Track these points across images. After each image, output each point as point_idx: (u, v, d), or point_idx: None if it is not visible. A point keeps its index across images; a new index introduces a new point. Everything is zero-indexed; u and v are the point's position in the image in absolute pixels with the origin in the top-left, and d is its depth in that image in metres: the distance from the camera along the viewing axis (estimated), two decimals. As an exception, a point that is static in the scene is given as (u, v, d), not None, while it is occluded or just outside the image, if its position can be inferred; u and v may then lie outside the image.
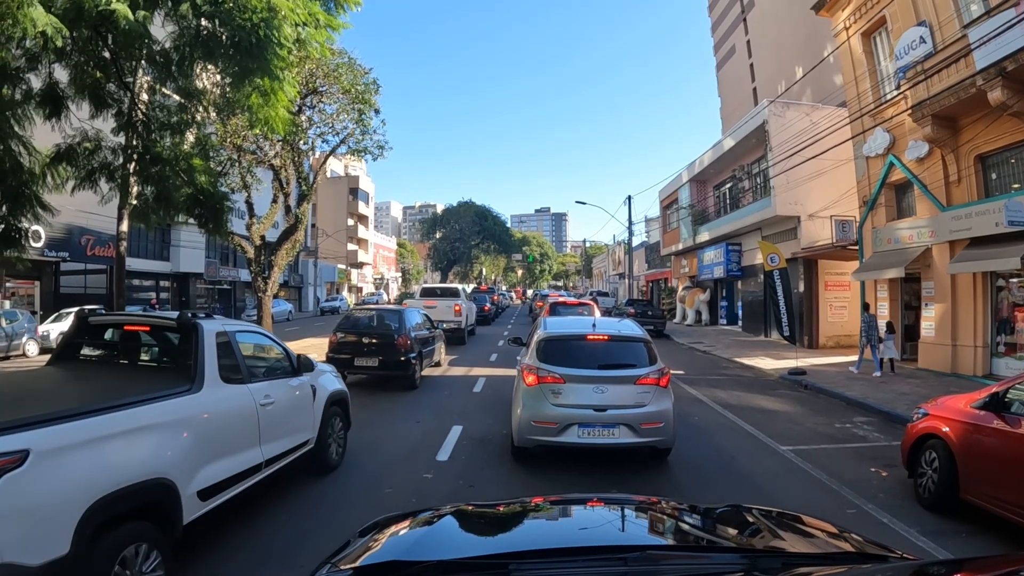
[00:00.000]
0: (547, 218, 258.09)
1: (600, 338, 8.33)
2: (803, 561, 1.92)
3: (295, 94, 10.65)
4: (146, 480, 4.15)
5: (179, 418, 4.73)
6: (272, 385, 6.35)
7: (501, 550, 2.00)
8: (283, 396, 6.47)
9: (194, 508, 4.70)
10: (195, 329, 5.50)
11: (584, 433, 7.56)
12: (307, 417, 7.02)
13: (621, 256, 62.13)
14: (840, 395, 13.44)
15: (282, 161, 22.24)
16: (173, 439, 4.58)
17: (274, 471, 6.16)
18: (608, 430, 7.56)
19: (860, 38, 19.35)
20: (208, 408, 5.12)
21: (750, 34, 55.91)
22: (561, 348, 8.16)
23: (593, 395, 7.62)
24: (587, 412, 7.56)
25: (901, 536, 5.80)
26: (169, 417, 4.64)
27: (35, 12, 6.45)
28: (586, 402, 7.60)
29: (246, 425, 5.67)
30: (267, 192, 23.81)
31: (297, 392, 6.89)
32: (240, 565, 5.08)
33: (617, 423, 7.56)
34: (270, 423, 6.03)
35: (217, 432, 5.19)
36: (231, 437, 5.41)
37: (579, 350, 8.14)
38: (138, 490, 4.07)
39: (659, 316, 32.84)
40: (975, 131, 14.70)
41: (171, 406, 4.72)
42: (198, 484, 4.75)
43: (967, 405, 6.37)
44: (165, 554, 4.23)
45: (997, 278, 15.00)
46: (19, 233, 9.92)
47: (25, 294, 28.62)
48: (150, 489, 4.19)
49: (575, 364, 7.88)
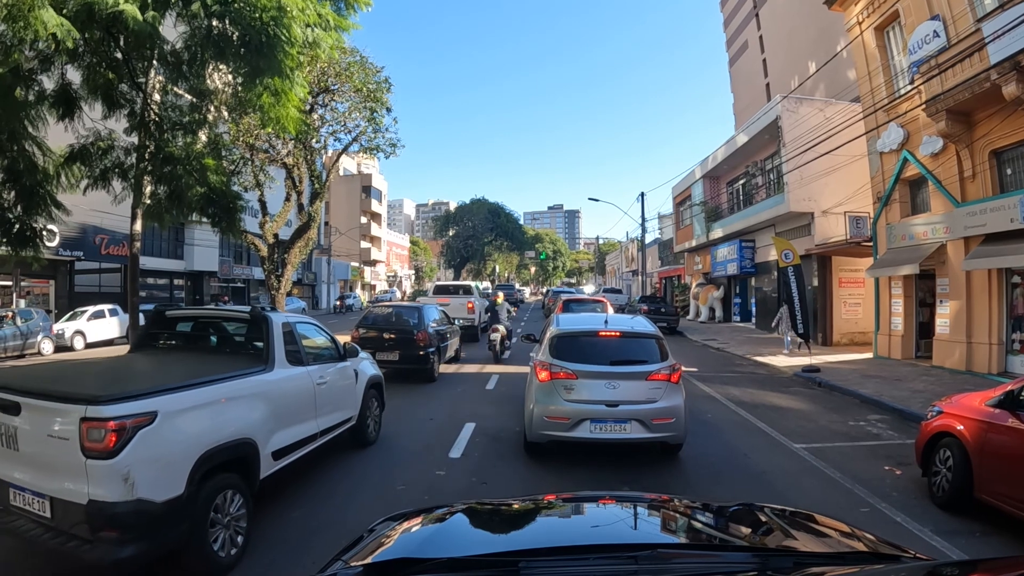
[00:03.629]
0: (560, 215, 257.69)
1: (612, 334, 8.41)
2: (815, 561, 1.91)
3: (305, 94, 10.68)
4: (237, 439, 5.22)
5: (258, 391, 5.80)
6: (324, 368, 7.40)
7: (511, 548, 1.99)
8: (333, 377, 7.56)
9: (268, 466, 5.77)
10: (265, 320, 6.57)
11: (596, 428, 7.66)
12: (351, 396, 8.18)
13: (634, 253, 62.05)
14: (854, 393, 13.35)
15: (294, 160, 22.35)
16: (254, 408, 5.64)
17: (325, 441, 7.25)
18: (620, 425, 7.67)
19: (873, 32, 19.20)
20: (279, 384, 6.21)
21: (763, 29, 55.57)
22: (573, 344, 8.26)
23: (605, 391, 7.71)
24: (599, 408, 7.66)
25: (915, 535, 5.76)
26: (251, 390, 5.70)
27: (46, 14, 6.51)
28: (598, 398, 7.69)
29: (306, 400, 6.75)
30: (280, 190, 23.93)
31: (343, 375, 7.98)
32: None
33: (629, 418, 7.65)
34: (323, 400, 7.13)
35: (285, 404, 6.24)
36: (295, 409, 6.48)
37: (591, 346, 8.24)
38: (232, 446, 5.14)
39: (672, 313, 32.68)
40: (990, 126, 14.54)
41: (252, 382, 5.80)
42: (272, 446, 5.84)
43: (982, 403, 6.31)
44: (248, 501, 5.29)
45: (1013, 275, 14.84)
46: (34, 232, 10.02)
47: (40, 293, 28.90)
48: (239, 446, 5.26)
49: (587, 360, 7.97)
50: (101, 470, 4.12)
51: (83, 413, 4.15)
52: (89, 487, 4.12)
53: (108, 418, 4.15)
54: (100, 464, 4.12)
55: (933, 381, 14.49)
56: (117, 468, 4.14)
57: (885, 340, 19.43)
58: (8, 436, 4.46)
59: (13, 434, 4.43)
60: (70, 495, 4.17)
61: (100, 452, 4.13)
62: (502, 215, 77.75)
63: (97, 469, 4.12)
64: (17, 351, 20.70)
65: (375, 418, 8.97)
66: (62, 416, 4.24)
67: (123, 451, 4.17)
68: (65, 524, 4.22)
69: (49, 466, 4.29)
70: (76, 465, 4.15)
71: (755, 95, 54.85)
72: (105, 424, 4.14)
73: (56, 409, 4.28)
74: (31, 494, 4.34)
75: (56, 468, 4.25)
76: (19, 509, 4.42)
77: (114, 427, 4.16)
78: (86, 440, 4.13)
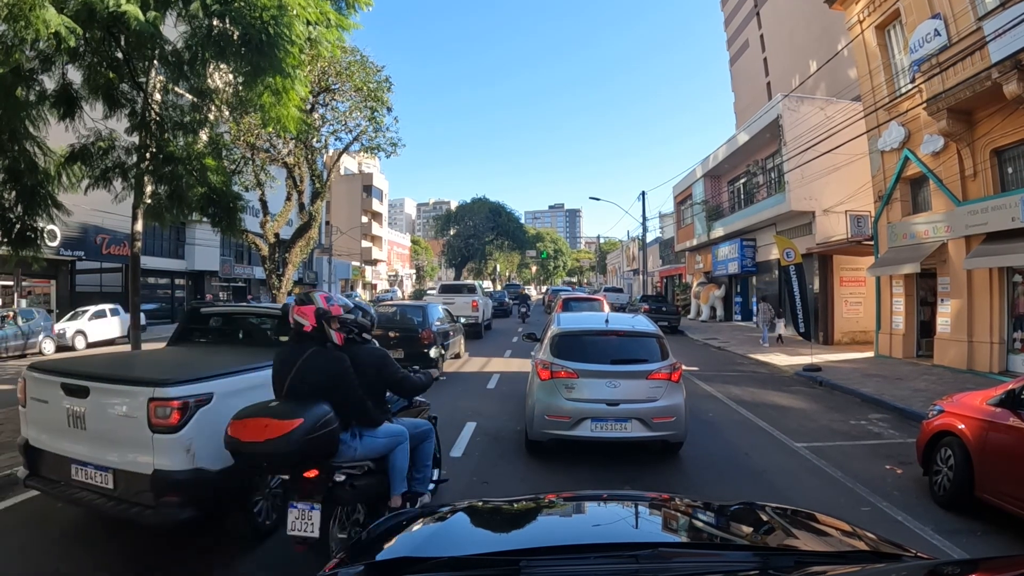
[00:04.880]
0: (561, 214, 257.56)
1: (613, 334, 8.51)
2: (816, 560, 1.91)
3: (307, 93, 10.68)
4: None
5: None
6: None
7: (512, 547, 1.99)
8: None
9: None
10: None
11: (597, 427, 7.73)
12: None
13: (635, 252, 62.03)
14: (855, 392, 13.35)
15: (295, 159, 22.31)
16: None
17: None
18: (620, 424, 7.74)
19: (874, 31, 19.20)
20: None
21: (764, 28, 55.55)
22: (574, 344, 8.33)
23: (606, 389, 7.76)
24: (600, 406, 7.72)
25: (916, 534, 5.76)
26: None
27: (48, 14, 6.50)
28: (599, 396, 7.75)
29: None
30: (281, 190, 23.90)
31: None
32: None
33: (629, 417, 7.72)
34: None
35: None
36: None
37: (592, 345, 8.30)
38: None
39: (673, 312, 32.68)
40: (991, 125, 14.55)
41: None
42: None
43: (983, 402, 6.31)
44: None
45: (1014, 274, 14.85)
46: (35, 232, 10.01)
47: (41, 293, 28.91)
48: None
49: (588, 359, 8.03)
50: (166, 443, 4.78)
51: (151, 394, 4.79)
52: (155, 458, 4.78)
53: (173, 398, 4.79)
54: (165, 438, 4.78)
55: (934, 380, 14.49)
56: (180, 441, 4.80)
57: (886, 339, 19.44)
58: (75, 417, 5.05)
59: (81, 415, 5.03)
60: (135, 466, 4.83)
61: (165, 427, 4.77)
62: (503, 214, 77.64)
63: (163, 442, 4.78)
64: (18, 351, 20.70)
65: None
66: (131, 397, 4.89)
67: (185, 427, 4.81)
68: (128, 493, 4.87)
69: (114, 442, 4.94)
70: (143, 440, 4.80)
71: (756, 94, 54.86)
72: (170, 403, 4.77)
73: (125, 391, 4.95)
74: (94, 468, 4.99)
75: (122, 443, 4.92)
76: (80, 483, 5.06)
77: (178, 405, 4.79)
78: (153, 417, 4.76)
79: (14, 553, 5.24)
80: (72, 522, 5.92)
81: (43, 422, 5.37)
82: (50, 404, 5.27)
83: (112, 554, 5.29)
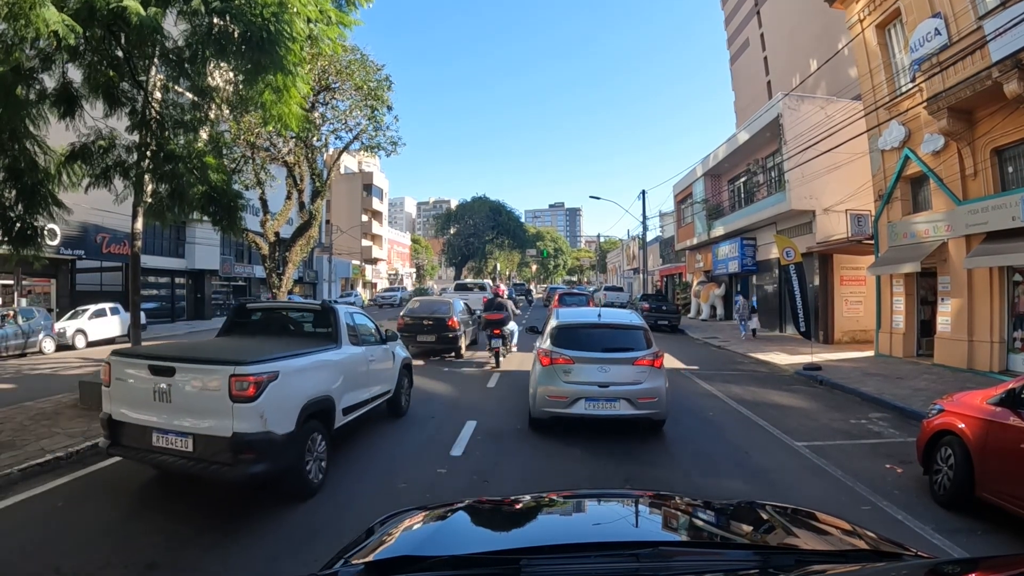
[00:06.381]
0: (561, 213, 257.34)
1: (604, 326, 9.89)
2: (817, 559, 1.91)
3: (308, 90, 10.68)
4: (323, 395, 7.13)
5: (333, 362, 7.71)
6: (372, 348, 9.28)
7: (513, 545, 2.00)
8: (379, 356, 9.52)
9: (339, 418, 7.70)
10: (333, 311, 8.64)
11: (590, 406, 8.96)
12: (391, 373, 10.13)
13: (635, 251, 61.99)
14: (856, 391, 13.35)
15: (296, 158, 22.32)
16: (332, 374, 7.56)
17: (372, 407, 9.24)
18: (610, 403, 8.95)
19: (875, 30, 19.17)
20: (345, 358, 8.10)
21: (764, 27, 55.50)
22: (571, 335, 9.61)
23: (598, 374, 9.01)
24: (593, 388, 8.97)
25: (916, 534, 5.76)
26: (329, 361, 7.60)
27: (47, 12, 6.50)
28: (592, 379, 9.00)
29: (362, 372, 8.68)
30: (281, 189, 23.92)
31: (386, 355, 9.91)
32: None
33: (618, 397, 8.94)
34: (373, 373, 9.14)
35: (350, 374, 8.09)
36: (356, 378, 8.35)
37: (586, 336, 9.62)
38: (320, 400, 7.03)
39: (673, 311, 32.64)
40: (991, 124, 14.53)
41: (329, 355, 7.70)
42: (343, 404, 7.77)
43: (983, 401, 6.31)
44: (328, 444, 7.23)
45: (1014, 273, 14.84)
46: (35, 231, 10.01)
47: (42, 292, 28.86)
48: (324, 400, 7.14)
49: (583, 348, 9.31)
50: (244, 411, 5.84)
51: (232, 371, 5.85)
52: (234, 423, 5.81)
53: (250, 374, 5.88)
54: (243, 406, 5.84)
55: (934, 379, 14.49)
56: (256, 409, 5.88)
57: (886, 338, 19.43)
58: (160, 392, 6.08)
59: (166, 391, 6.06)
60: (215, 431, 5.87)
61: (244, 398, 5.84)
62: (503, 213, 77.58)
63: (241, 410, 5.84)
64: (18, 350, 20.67)
65: (406, 393, 10.92)
66: (215, 374, 5.94)
67: (259, 397, 5.90)
68: (207, 453, 5.89)
69: (196, 412, 5.99)
70: (224, 408, 5.85)
71: (756, 93, 54.82)
72: (248, 378, 5.85)
73: (210, 370, 5.99)
74: (175, 435, 6.00)
75: (203, 413, 5.96)
76: (161, 448, 6.07)
77: (254, 380, 5.89)
78: (234, 389, 5.82)
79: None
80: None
81: (128, 398, 6.34)
82: (135, 383, 6.29)
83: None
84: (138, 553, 5.13)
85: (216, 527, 5.75)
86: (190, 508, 6.30)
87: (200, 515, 6.10)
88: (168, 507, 6.36)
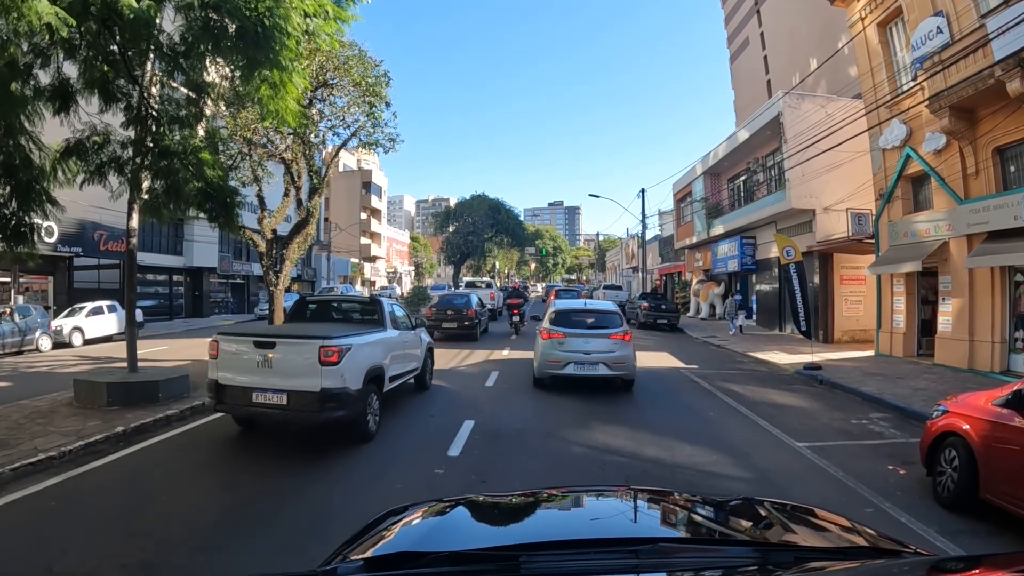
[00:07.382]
0: (560, 212, 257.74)
1: (588, 311, 13.42)
2: (816, 555, 1.91)
3: (305, 86, 10.62)
4: (378, 364, 9.31)
5: (382, 341, 9.83)
6: (406, 332, 11.45)
7: (512, 542, 1.99)
8: (411, 339, 11.75)
9: (387, 384, 9.88)
10: (379, 302, 11.13)
11: (578, 368, 12.35)
12: (420, 353, 12.37)
13: (634, 249, 61.96)
14: (856, 391, 13.30)
15: (293, 155, 22.18)
16: (383, 350, 9.74)
17: (406, 380, 11.48)
18: (593, 366, 12.33)
19: (876, 28, 19.12)
20: (390, 339, 10.30)
21: (764, 26, 55.57)
22: (564, 317, 13.12)
23: (583, 344, 12.44)
24: (579, 355, 12.37)
25: (919, 535, 5.70)
26: (380, 340, 9.73)
27: (40, 5, 6.43)
28: (579, 349, 12.41)
29: (400, 350, 10.78)
30: (278, 186, 23.79)
31: (416, 338, 12.17)
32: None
33: (598, 362, 12.32)
34: (408, 353, 11.40)
35: (394, 351, 10.31)
36: (397, 355, 10.50)
37: (575, 317, 13.09)
38: (376, 368, 9.21)
39: (673, 310, 32.54)
40: (993, 123, 14.49)
41: (379, 335, 9.85)
42: (389, 373, 9.95)
43: (988, 402, 6.25)
44: (380, 403, 9.39)
45: (1015, 273, 14.80)
46: (29, 228, 9.94)
47: (39, 289, 28.79)
48: (379, 369, 9.31)
49: (572, 326, 12.77)
50: (330, 371, 7.97)
51: (321, 343, 7.98)
52: (322, 381, 7.92)
53: (334, 345, 8.03)
54: (329, 368, 7.97)
55: (935, 379, 14.45)
56: (338, 370, 8.03)
57: (887, 338, 19.40)
58: (263, 361, 8.13)
59: (267, 359, 8.11)
60: (307, 387, 7.94)
61: (329, 363, 7.97)
62: (502, 211, 77.40)
63: (328, 371, 7.96)
64: (15, 348, 20.63)
65: (430, 371, 13.25)
66: (308, 345, 8.05)
67: (340, 362, 8.04)
68: (299, 405, 7.98)
69: (291, 374, 8.02)
70: (314, 370, 7.93)
71: (756, 92, 54.85)
72: (332, 348, 7.99)
73: (304, 343, 8.12)
74: (272, 392, 8.04)
75: (297, 374, 8.00)
76: (260, 403, 8.11)
77: (336, 350, 8.02)
78: (322, 357, 7.94)
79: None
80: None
81: (234, 367, 8.30)
82: (240, 355, 8.29)
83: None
84: (136, 553, 5.08)
85: (213, 528, 5.68)
86: (188, 508, 6.30)
87: (196, 514, 6.10)
88: (164, 507, 6.32)
